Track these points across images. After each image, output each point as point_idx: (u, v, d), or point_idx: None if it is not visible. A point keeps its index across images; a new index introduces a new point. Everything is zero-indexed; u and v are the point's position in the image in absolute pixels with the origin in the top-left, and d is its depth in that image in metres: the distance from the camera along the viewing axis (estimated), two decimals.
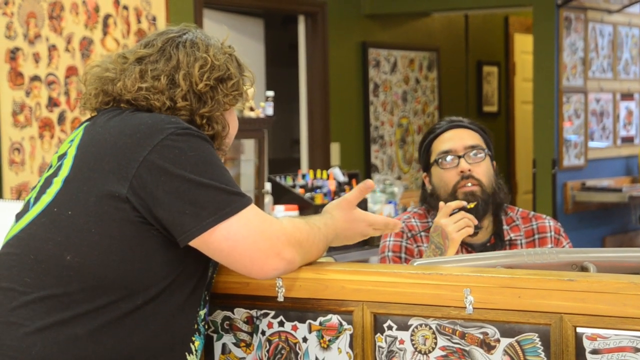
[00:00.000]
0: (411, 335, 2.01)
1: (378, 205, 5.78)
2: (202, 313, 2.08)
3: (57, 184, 2.00)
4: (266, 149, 5.71)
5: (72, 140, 2.06)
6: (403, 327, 2.01)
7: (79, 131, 2.08)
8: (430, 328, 1.99)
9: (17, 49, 5.04)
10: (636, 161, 8.00)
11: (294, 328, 2.11)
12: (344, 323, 2.06)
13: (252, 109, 5.39)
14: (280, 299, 2.09)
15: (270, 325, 2.13)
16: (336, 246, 2.24)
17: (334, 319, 2.07)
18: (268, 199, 5.52)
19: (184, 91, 2.06)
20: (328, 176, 5.80)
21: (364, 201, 5.71)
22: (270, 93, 5.60)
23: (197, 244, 1.94)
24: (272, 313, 2.12)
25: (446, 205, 2.86)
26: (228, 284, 2.13)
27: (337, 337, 2.07)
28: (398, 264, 2.93)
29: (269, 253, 1.95)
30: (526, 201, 8.33)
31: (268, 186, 5.59)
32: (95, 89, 2.11)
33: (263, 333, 2.13)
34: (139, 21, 5.67)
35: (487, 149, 3.01)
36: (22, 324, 1.88)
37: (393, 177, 7.47)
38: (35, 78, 5.12)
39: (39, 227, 1.97)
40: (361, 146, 7.57)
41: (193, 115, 2.07)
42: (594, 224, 7.46)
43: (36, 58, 5.13)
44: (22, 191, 5.04)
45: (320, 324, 2.08)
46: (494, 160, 3.04)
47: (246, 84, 2.17)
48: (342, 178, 5.84)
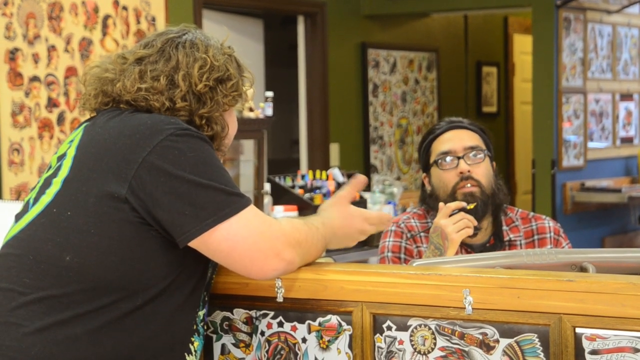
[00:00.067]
0: (410, 336, 2.01)
1: (377, 206, 5.78)
2: (202, 314, 2.08)
3: (56, 184, 1.99)
4: (265, 150, 5.71)
5: (72, 141, 2.06)
6: (402, 327, 2.01)
7: (79, 132, 2.08)
8: (430, 328, 1.99)
9: (17, 49, 5.04)
10: (635, 161, 7.99)
11: (294, 328, 2.10)
12: (343, 323, 2.06)
13: (251, 110, 5.39)
14: (280, 299, 2.09)
15: (269, 326, 2.13)
16: (336, 249, 2.24)
17: (334, 319, 2.07)
18: (267, 199, 5.52)
19: (183, 92, 2.06)
20: (327, 177, 5.79)
21: (363, 201, 5.71)
22: (270, 93, 5.60)
23: (196, 244, 1.94)
24: (272, 313, 2.12)
25: (446, 206, 2.86)
26: (227, 284, 2.13)
27: (336, 338, 2.07)
28: (397, 265, 2.93)
29: (268, 254, 1.95)
30: (525, 202, 8.33)
31: (267, 187, 5.59)
32: (95, 89, 2.11)
33: (262, 333, 2.13)
34: (138, 22, 5.66)
35: (486, 149, 3.00)
36: (21, 324, 1.88)
37: (392, 177, 7.47)
38: (34, 78, 5.12)
39: (38, 227, 1.97)
40: (360, 147, 7.57)
41: (192, 116, 2.07)
42: (593, 225, 7.46)
43: (35, 58, 5.12)
44: (21, 192, 5.04)
45: (320, 324, 2.08)
46: (493, 161, 3.04)
47: (245, 84, 2.17)
48: (341, 178, 5.84)
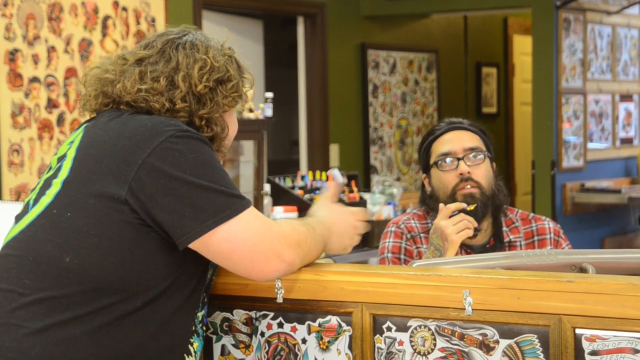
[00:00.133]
0: (410, 337, 2.01)
1: (377, 207, 5.77)
2: (200, 315, 2.08)
3: (56, 185, 1.99)
4: (265, 150, 5.71)
5: (72, 142, 2.06)
6: (402, 328, 2.01)
7: (79, 133, 2.08)
8: (430, 329, 1.99)
9: (16, 50, 5.04)
10: (635, 162, 8.00)
11: (293, 329, 2.10)
12: (343, 324, 2.06)
13: (251, 111, 5.39)
14: (280, 300, 2.09)
15: (269, 327, 2.13)
16: (336, 254, 2.24)
17: (333, 320, 2.07)
18: (267, 200, 5.52)
19: (183, 92, 2.06)
20: (327, 177, 5.79)
21: (363, 202, 5.70)
22: (270, 94, 5.60)
23: (196, 246, 1.94)
24: (272, 314, 2.12)
25: (446, 207, 2.86)
26: (227, 285, 2.13)
27: (336, 339, 2.07)
28: (397, 265, 2.93)
29: (269, 255, 1.95)
30: (525, 202, 8.33)
31: (267, 187, 5.59)
32: (95, 90, 2.11)
33: (262, 334, 2.13)
34: (138, 22, 5.66)
35: (486, 150, 3.00)
36: (21, 325, 1.88)
37: (392, 178, 7.47)
38: (34, 79, 5.12)
39: (38, 228, 1.97)
40: (360, 147, 7.57)
41: (192, 117, 2.07)
42: (593, 225, 7.46)
43: (35, 59, 5.12)
44: (21, 192, 5.04)
45: (320, 325, 2.08)
46: (493, 162, 3.03)
47: (246, 85, 2.17)
48: (341, 179, 5.83)
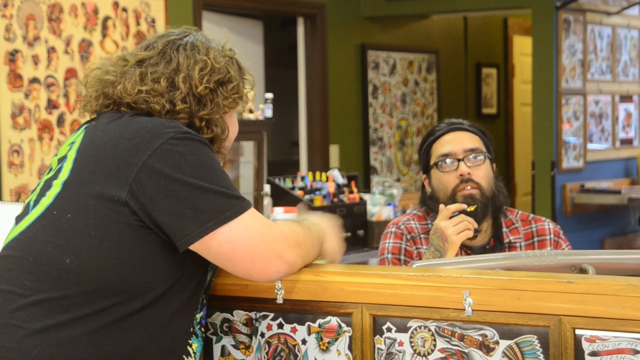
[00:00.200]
0: (410, 337, 2.01)
1: (377, 207, 5.77)
2: (199, 316, 2.08)
3: (56, 186, 1.99)
4: (265, 151, 5.71)
5: (72, 143, 2.06)
6: (402, 329, 2.01)
7: (79, 134, 2.08)
8: (430, 330, 1.99)
9: (16, 51, 5.04)
10: (635, 163, 8.00)
11: (293, 330, 2.11)
12: (343, 325, 2.06)
13: (251, 111, 5.39)
14: (280, 301, 2.09)
15: (269, 327, 2.13)
16: (329, 257, 2.23)
17: (333, 321, 2.07)
18: (267, 201, 5.52)
19: (183, 94, 2.06)
20: (327, 178, 5.79)
21: (363, 203, 5.70)
22: (270, 95, 5.60)
23: (197, 247, 1.94)
24: (272, 315, 2.12)
25: (446, 208, 2.86)
26: (227, 286, 2.13)
27: (336, 339, 2.07)
28: (397, 266, 2.93)
29: (270, 255, 1.95)
30: (525, 203, 8.33)
31: (267, 188, 5.59)
32: (96, 91, 2.11)
33: (262, 335, 2.13)
34: (138, 23, 5.67)
35: (486, 151, 3.00)
36: (21, 326, 1.88)
37: (392, 179, 7.47)
38: (34, 80, 5.12)
39: (38, 229, 1.97)
40: (360, 148, 7.57)
41: (192, 118, 2.07)
42: (593, 226, 7.46)
43: (35, 60, 5.13)
44: (21, 193, 5.04)
45: (320, 326, 2.08)
46: (493, 162, 3.03)
47: (246, 87, 2.17)
48: (341, 180, 5.83)
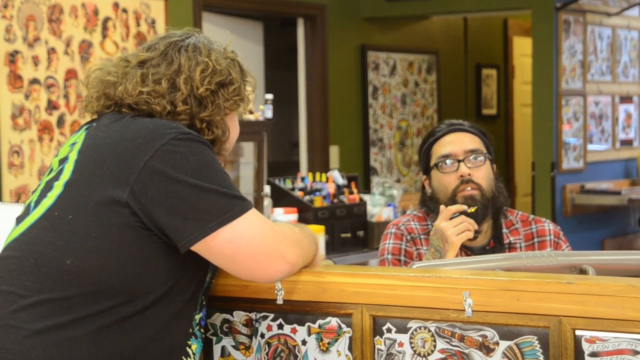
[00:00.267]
0: (410, 338, 2.01)
1: (377, 208, 5.77)
2: (198, 317, 2.08)
3: (58, 187, 2.00)
4: (265, 152, 5.71)
5: (73, 144, 2.06)
6: (402, 329, 2.01)
7: (80, 134, 2.08)
8: (430, 331, 1.99)
9: (17, 51, 5.04)
10: (635, 164, 8.00)
11: (293, 331, 2.11)
12: (343, 326, 2.06)
13: (251, 112, 5.39)
14: (280, 301, 2.09)
15: (269, 328, 2.13)
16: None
17: (333, 321, 2.07)
18: (267, 201, 5.52)
19: (184, 95, 2.06)
20: (327, 179, 5.79)
21: (363, 203, 5.70)
22: (270, 96, 5.60)
23: (199, 248, 1.94)
24: (272, 316, 2.12)
25: (447, 209, 2.86)
26: (227, 286, 2.13)
27: (336, 340, 2.07)
28: (397, 267, 2.93)
29: (273, 255, 1.95)
30: (525, 204, 8.32)
31: (267, 189, 5.59)
32: (97, 92, 2.11)
33: (262, 336, 2.14)
34: (138, 24, 5.67)
35: (487, 152, 3.00)
36: (21, 327, 1.88)
37: (392, 179, 7.47)
38: (34, 81, 5.13)
39: (39, 230, 1.97)
40: (360, 149, 7.57)
41: (193, 120, 2.07)
42: (593, 227, 7.46)
43: (35, 61, 5.13)
44: (21, 194, 5.04)
45: (320, 326, 2.08)
46: (494, 163, 3.04)
47: (247, 89, 2.17)
48: (341, 181, 5.83)
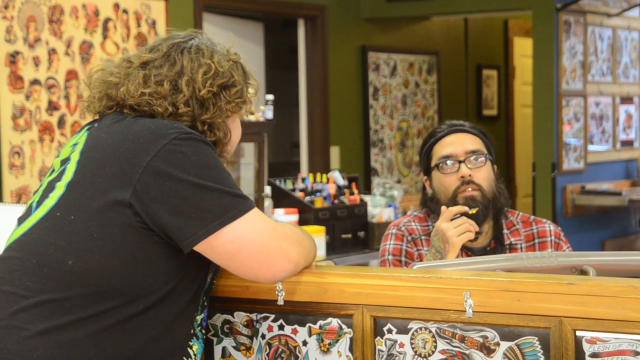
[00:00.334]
0: (411, 339, 2.01)
1: (378, 209, 5.77)
2: (199, 318, 2.08)
3: (60, 188, 2.00)
4: (266, 153, 5.71)
5: (75, 145, 2.06)
6: (403, 330, 2.01)
7: (82, 135, 2.08)
8: (430, 331, 1.99)
9: (17, 52, 5.04)
10: (636, 164, 8.00)
11: (294, 331, 2.11)
12: (343, 326, 2.06)
13: (251, 113, 5.38)
14: (280, 302, 2.09)
15: (270, 329, 2.13)
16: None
17: (334, 322, 2.07)
18: (268, 202, 5.52)
19: (186, 97, 2.06)
20: (328, 180, 5.79)
21: (363, 204, 5.70)
22: (270, 97, 5.60)
23: (202, 248, 1.94)
24: (272, 316, 2.12)
25: (448, 210, 2.86)
26: (228, 287, 2.13)
27: (337, 341, 2.07)
28: (398, 268, 2.93)
29: (276, 254, 1.95)
30: (526, 205, 8.32)
31: (268, 190, 5.59)
32: (99, 92, 2.11)
33: (263, 336, 2.14)
34: (138, 25, 5.67)
35: (487, 153, 3.00)
36: (23, 327, 1.88)
37: (393, 180, 7.47)
38: (35, 82, 5.13)
39: (41, 231, 1.97)
40: (361, 150, 7.57)
41: (195, 122, 2.07)
42: (593, 228, 7.46)
43: (36, 62, 5.13)
44: (22, 195, 5.04)
45: (320, 327, 2.08)
46: (494, 164, 3.04)
47: (250, 91, 2.17)
48: (342, 181, 5.83)
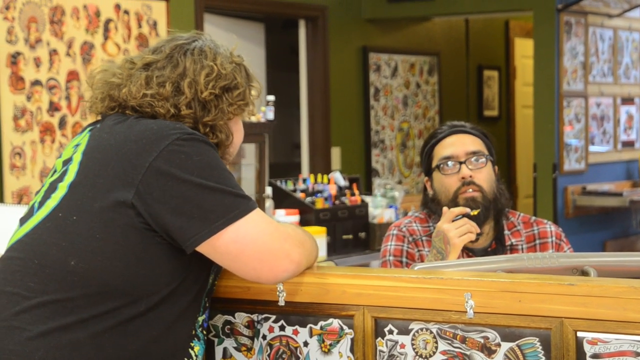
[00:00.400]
0: (412, 340, 2.01)
1: (379, 210, 5.77)
2: (201, 319, 2.08)
3: (62, 189, 2.00)
4: (267, 153, 5.72)
5: (77, 145, 2.07)
6: (404, 331, 2.01)
7: (84, 136, 2.08)
8: (431, 332, 1.99)
9: (18, 53, 5.04)
10: (637, 165, 7.99)
11: (295, 332, 2.11)
12: (345, 327, 2.06)
13: (252, 114, 5.39)
14: (281, 303, 2.09)
15: (271, 330, 2.13)
16: None
17: (335, 323, 2.07)
18: (269, 203, 5.52)
19: (188, 99, 2.06)
20: (329, 180, 5.79)
21: (364, 205, 5.70)
22: (271, 97, 5.60)
23: (204, 248, 1.94)
24: (273, 317, 2.12)
25: (449, 211, 2.86)
26: (229, 288, 2.13)
27: (338, 342, 2.07)
28: (399, 268, 2.93)
29: (279, 254, 1.96)
30: (527, 205, 8.32)
31: (269, 190, 5.59)
32: (102, 93, 2.11)
33: (264, 337, 2.14)
34: (139, 26, 5.67)
35: (488, 154, 3.00)
36: (25, 328, 1.89)
37: (394, 181, 7.47)
38: (36, 82, 5.13)
39: (43, 231, 1.97)
40: (362, 150, 7.57)
41: (197, 124, 2.07)
42: (594, 228, 7.46)
43: (37, 62, 5.13)
44: (23, 195, 5.05)
45: (321, 328, 2.08)
46: (495, 165, 3.04)
47: (252, 93, 2.17)
48: (342, 182, 5.83)
